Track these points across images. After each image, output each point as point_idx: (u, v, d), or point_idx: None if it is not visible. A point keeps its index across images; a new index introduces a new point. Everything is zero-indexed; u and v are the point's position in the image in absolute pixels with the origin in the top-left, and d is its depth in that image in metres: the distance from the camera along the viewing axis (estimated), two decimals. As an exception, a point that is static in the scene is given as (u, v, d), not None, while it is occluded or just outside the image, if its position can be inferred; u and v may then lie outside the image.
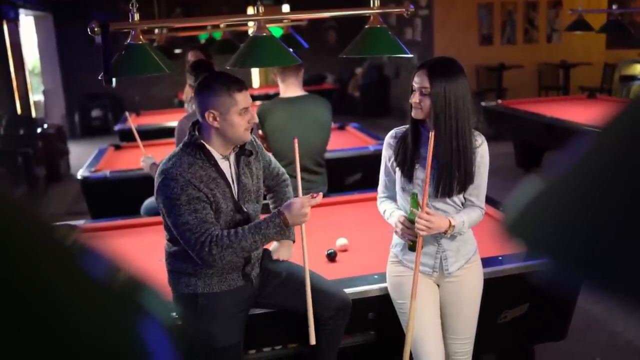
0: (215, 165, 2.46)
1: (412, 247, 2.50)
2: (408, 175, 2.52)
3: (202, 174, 2.40)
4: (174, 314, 2.55)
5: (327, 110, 4.12)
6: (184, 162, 2.40)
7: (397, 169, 2.56)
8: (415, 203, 2.45)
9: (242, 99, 2.43)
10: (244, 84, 2.48)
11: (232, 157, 2.54)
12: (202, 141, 2.45)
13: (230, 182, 2.51)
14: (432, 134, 2.38)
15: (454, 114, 2.40)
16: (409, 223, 2.46)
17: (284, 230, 2.44)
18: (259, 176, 2.64)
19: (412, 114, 2.48)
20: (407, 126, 2.57)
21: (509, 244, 0.50)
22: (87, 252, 0.51)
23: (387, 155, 2.63)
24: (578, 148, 0.52)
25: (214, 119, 2.41)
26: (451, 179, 2.45)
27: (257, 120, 2.50)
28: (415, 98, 2.44)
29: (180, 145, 2.50)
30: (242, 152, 2.55)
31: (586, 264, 0.42)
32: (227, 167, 2.51)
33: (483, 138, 2.54)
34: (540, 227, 0.47)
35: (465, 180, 2.47)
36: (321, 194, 2.54)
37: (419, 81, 2.44)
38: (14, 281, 0.43)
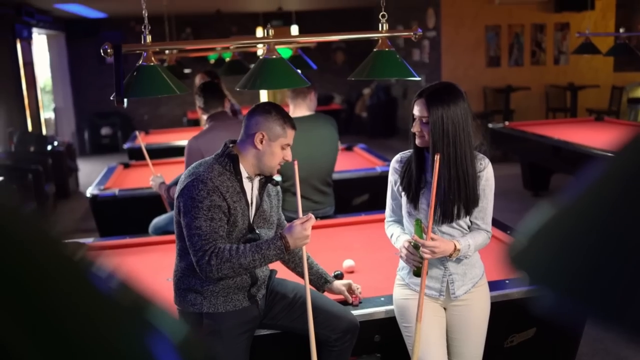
0: (240, 181, 2.53)
1: (416, 273, 2.51)
2: (413, 200, 2.54)
3: (229, 185, 2.47)
4: (185, 330, 2.56)
5: (333, 130, 4.15)
6: (214, 169, 2.48)
7: (403, 194, 2.58)
8: (419, 229, 2.46)
9: (291, 135, 2.59)
10: (295, 126, 2.63)
11: (255, 181, 2.61)
12: (236, 154, 2.54)
13: (250, 203, 2.55)
14: (436, 159, 2.39)
15: (452, 141, 2.41)
16: (413, 249, 2.47)
17: (284, 253, 2.47)
18: (275, 210, 2.72)
19: (416, 142, 2.51)
20: (412, 150, 2.60)
21: (513, 274, 0.51)
22: (96, 268, 0.51)
23: (393, 179, 2.65)
24: (584, 178, 0.53)
25: (261, 141, 2.53)
26: (452, 204, 2.46)
27: (290, 159, 2.61)
28: (416, 127, 2.47)
29: (213, 155, 2.58)
30: (269, 180, 2.64)
31: (585, 297, 0.44)
32: (249, 188, 2.58)
33: (487, 161, 2.55)
34: (542, 258, 0.48)
35: (468, 204, 2.47)
36: (312, 215, 2.56)
37: (418, 110, 2.46)
38: (24, 296, 0.44)
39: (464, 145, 2.43)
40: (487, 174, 2.51)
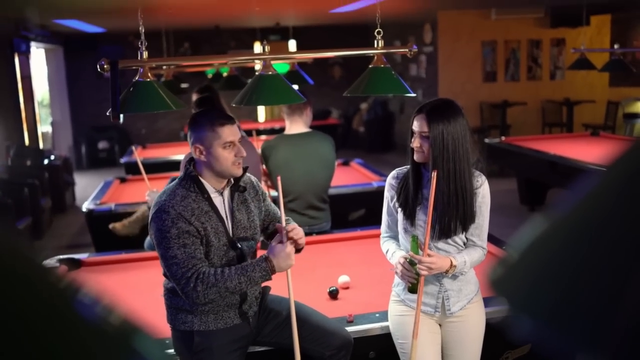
0: (209, 199, 2.49)
1: (411, 289, 2.50)
2: (410, 217, 2.54)
3: (195, 207, 2.43)
4: (169, 351, 2.55)
5: (330, 147, 4.17)
6: (177, 194, 2.45)
7: (400, 210, 2.58)
8: (416, 245, 2.46)
9: (226, 133, 2.47)
10: (230, 119, 2.53)
11: (226, 193, 2.57)
12: (196, 174, 2.50)
13: (224, 218, 2.53)
14: (434, 175, 2.40)
15: (451, 156, 2.43)
16: (409, 265, 2.46)
17: (269, 275, 2.44)
18: (256, 214, 2.66)
19: (415, 158, 2.51)
20: (408, 167, 2.60)
21: (495, 296, 0.52)
22: (81, 295, 0.51)
23: (389, 196, 2.65)
24: (572, 198, 0.53)
25: (200, 153, 2.48)
26: (450, 220, 2.47)
27: (244, 154, 2.53)
28: (416, 142, 2.48)
29: (177, 179, 2.55)
30: (236, 188, 2.58)
31: (563, 327, 0.44)
32: (220, 202, 2.54)
33: (484, 178, 2.56)
34: (521, 285, 0.49)
35: (465, 220, 2.49)
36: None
37: (418, 125, 2.48)
38: (7, 325, 0.44)
39: (463, 161, 2.45)
40: (483, 191, 2.53)
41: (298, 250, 2.58)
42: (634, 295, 0.42)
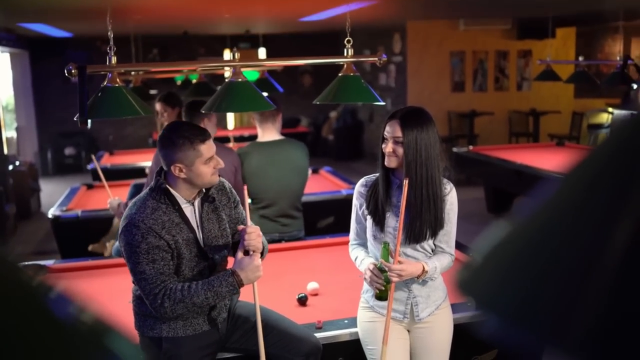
0: (179, 210, 2.47)
1: (378, 296, 2.51)
2: (380, 223, 2.55)
3: (165, 220, 2.41)
4: (142, 356, 2.54)
5: (304, 155, 4.18)
6: (147, 206, 2.41)
7: (369, 217, 2.60)
8: (386, 252, 2.48)
9: (206, 149, 2.45)
10: (206, 133, 2.49)
11: (196, 203, 2.55)
12: (167, 186, 2.46)
13: (195, 228, 2.51)
14: (406, 182, 2.43)
15: (424, 162, 2.46)
16: (378, 272, 2.47)
17: (236, 289, 2.44)
18: (227, 221, 2.64)
19: (385, 163, 2.53)
20: (377, 175, 2.62)
21: (461, 298, 0.53)
22: (54, 294, 0.51)
23: (357, 203, 2.67)
24: (533, 203, 0.55)
25: (180, 170, 2.43)
26: (422, 225, 2.50)
27: (222, 164, 2.52)
28: (388, 147, 2.50)
29: (147, 189, 2.52)
30: (206, 199, 2.56)
31: (528, 324, 0.45)
32: (191, 212, 2.52)
33: (452, 185, 2.60)
34: (487, 284, 0.50)
35: (435, 225, 2.52)
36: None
37: (390, 131, 2.50)
38: None
39: (434, 167, 2.49)
40: (451, 198, 2.57)
41: (260, 255, 2.55)
42: (596, 291, 0.44)
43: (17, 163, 8.99)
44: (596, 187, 0.50)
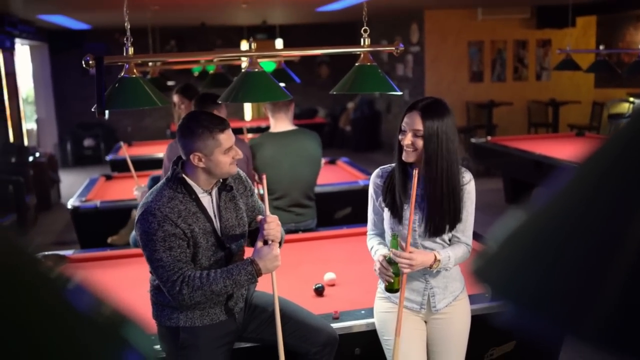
0: (197, 199, 2.47)
1: (388, 288, 2.50)
2: (398, 216, 2.52)
3: (182, 209, 2.41)
4: (157, 347, 2.55)
5: (317, 145, 4.17)
6: (164, 196, 2.42)
7: (386, 209, 2.57)
8: (396, 243, 2.45)
9: (225, 139, 2.45)
10: (225, 123, 2.49)
11: (214, 192, 2.55)
12: (183, 175, 2.47)
13: (212, 217, 2.51)
14: (415, 172, 2.39)
15: (445, 154, 2.41)
16: (386, 263, 2.45)
17: (255, 278, 2.44)
18: (244, 210, 2.64)
19: (403, 157, 2.48)
20: (393, 165, 2.59)
21: (478, 285, 0.52)
22: (73, 285, 0.52)
23: (373, 194, 2.64)
24: (549, 191, 0.54)
25: (199, 160, 2.44)
26: (442, 219, 2.46)
27: (241, 155, 2.52)
28: (407, 139, 2.44)
29: (164, 179, 2.53)
30: (223, 187, 2.56)
31: (543, 308, 0.45)
32: (208, 201, 2.52)
33: (470, 175, 2.57)
34: (503, 272, 0.49)
35: (454, 219, 2.49)
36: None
37: (410, 122, 2.44)
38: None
39: (454, 161, 2.44)
40: (469, 187, 2.53)
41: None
42: (614, 279, 0.43)
43: (37, 154, 9.08)
44: (613, 174, 0.49)
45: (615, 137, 0.53)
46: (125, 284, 3.40)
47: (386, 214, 2.58)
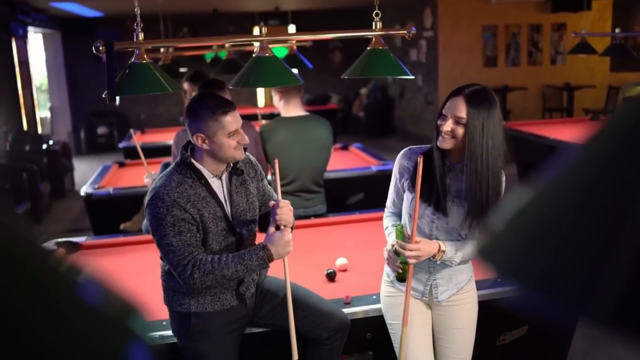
0: (206, 184, 2.46)
1: (398, 277, 2.47)
2: (440, 210, 2.37)
3: (191, 193, 2.40)
4: (168, 332, 2.56)
5: (327, 131, 4.15)
6: (173, 181, 2.41)
7: (426, 205, 2.42)
8: (401, 235, 2.40)
9: (229, 121, 2.42)
10: (231, 105, 2.46)
11: (224, 176, 2.53)
12: (192, 160, 2.46)
13: (223, 202, 2.50)
14: (420, 160, 2.29)
15: (490, 150, 2.25)
16: (394, 255, 2.41)
17: (267, 264, 2.43)
18: (255, 194, 2.63)
19: (438, 143, 2.32)
20: (423, 147, 2.48)
21: (484, 267, 0.51)
22: (82, 277, 0.51)
23: (398, 174, 2.53)
24: (553, 169, 0.53)
25: (203, 141, 2.42)
26: (475, 221, 2.33)
27: (247, 141, 2.48)
28: (447, 126, 2.28)
29: (173, 164, 2.52)
30: (234, 172, 2.55)
31: (553, 289, 0.43)
32: (218, 186, 2.51)
33: (504, 176, 2.40)
34: (510, 250, 0.48)
35: (485, 219, 2.34)
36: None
37: (452, 108, 2.28)
38: (6, 308, 0.44)
39: (499, 156, 2.28)
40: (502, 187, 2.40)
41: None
42: (624, 256, 0.41)
43: (51, 142, 9.14)
44: (620, 151, 0.48)
45: (622, 116, 0.52)
46: (138, 270, 3.42)
47: (406, 197, 2.49)
